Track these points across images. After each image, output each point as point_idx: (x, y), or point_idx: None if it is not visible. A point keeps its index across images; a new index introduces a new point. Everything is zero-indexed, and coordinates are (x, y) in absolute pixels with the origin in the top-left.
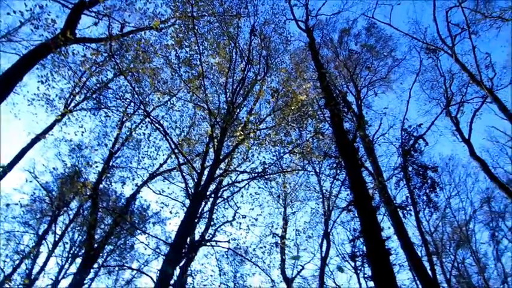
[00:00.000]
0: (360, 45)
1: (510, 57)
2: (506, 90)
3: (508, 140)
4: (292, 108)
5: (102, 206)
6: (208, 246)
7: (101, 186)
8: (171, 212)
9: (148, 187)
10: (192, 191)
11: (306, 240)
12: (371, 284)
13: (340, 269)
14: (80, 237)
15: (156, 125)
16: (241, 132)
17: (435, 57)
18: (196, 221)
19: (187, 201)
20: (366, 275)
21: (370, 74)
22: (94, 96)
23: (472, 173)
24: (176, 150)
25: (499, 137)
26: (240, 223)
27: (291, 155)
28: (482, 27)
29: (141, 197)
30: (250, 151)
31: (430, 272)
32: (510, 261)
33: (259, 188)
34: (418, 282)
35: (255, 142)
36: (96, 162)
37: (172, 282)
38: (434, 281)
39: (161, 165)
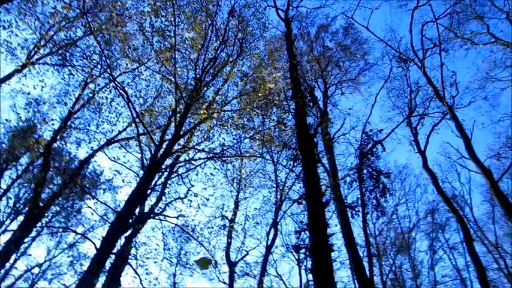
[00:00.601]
0: (336, 43)
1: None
2: (465, 110)
3: (459, 158)
4: (259, 94)
5: (53, 165)
6: (157, 219)
7: (55, 145)
8: (123, 181)
9: (104, 153)
10: (148, 163)
11: (254, 226)
12: (311, 277)
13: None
14: (26, 194)
15: (121, 91)
16: (205, 111)
17: (405, 67)
18: (147, 193)
19: (142, 172)
20: (307, 268)
21: (340, 73)
22: (60, 52)
23: (422, 184)
24: (137, 120)
25: (451, 154)
26: (191, 201)
27: (251, 140)
28: (453, 46)
29: (95, 161)
30: (211, 131)
31: (368, 273)
32: (442, 270)
33: (215, 168)
34: (355, 281)
35: (218, 123)
36: (53, 119)
37: (115, 251)
38: (371, 281)
39: (120, 132)
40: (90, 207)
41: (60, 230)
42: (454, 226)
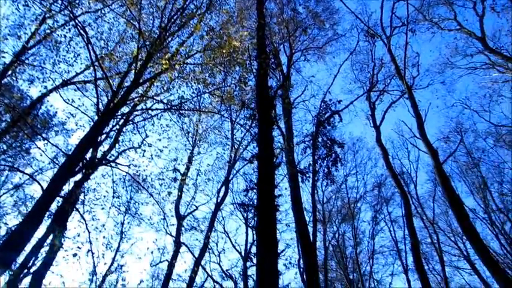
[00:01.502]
0: (307, 9)
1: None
2: (423, 91)
3: (411, 137)
4: (224, 51)
5: (2, 101)
6: (108, 166)
7: (5, 80)
8: (76, 124)
9: (59, 94)
10: (103, 108)
11: (205, 182)
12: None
13: None
14: None
15: (81, 30)
16: (167, 62)
17: (372, 43)
18: (101, 139)
19: (96, 118)
20: (253, 227)
21: (307, 40)
22: None
23: (374, 158)
24: (96, 63)
25: (405, 132)
26: (145, 151)
27: (211, 96)
28: (420, 27)
29: (48, 101)
30: (172, 83)
31: (311, 237)
32: (381, 241)
33: (172, 121)
34: (299, 244)
35: (179, 75)
36: (4, 52)
37: (62, 194)
38: (313, 245)
39: (77, 74)
40: (39, 149)
41: (7, 169)
42: (398, 201)
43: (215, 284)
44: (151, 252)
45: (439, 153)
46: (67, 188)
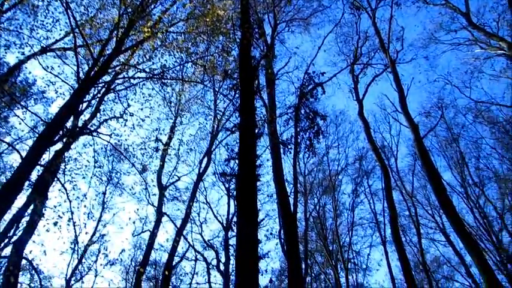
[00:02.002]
0: None
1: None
2: (406, 66)
3: (393, 111)
4: (207, 20)
5: None
6: (89, 136)
7: None
8: (56, 92)
9: (38, 61)
10: (84, 76)
11: (187, 152)
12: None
13: None
14: None
15: None
16: (150, 29)
17: (357, 15)
18: (81, 108)
19: (77, 86)
20: (234, 196)
21: (292, 11)
22: None
23: (355, 131)
24: (76, 30)
25: (387, 106)
26: (127, 120)
27: (194, 65)
28: (405, 1)
29: (26, 68)
30: (154, 51)
31: (292, 208)
32: (361, 213)
33: (154, 90)
34: (280, 215)
35: (161, 44)
36: None
37: (42, 163)
38: (294, 215)
39: (57, 41)
40: (18, 117)
41: None
42: (378, 174)
43: (197, 253)
44: (133, 223)
45: (420, 128)
46: (47, 157)
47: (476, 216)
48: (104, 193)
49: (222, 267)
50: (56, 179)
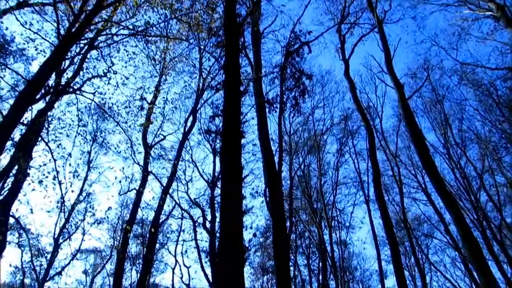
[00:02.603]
0: None
1: None
2: (394, 26)
3: (379, 71)
4: None
5: None
6: (73, 94)
7: None
8: (36, 49)
9: (15, 16)
10: (65, 32)
11: (172, 110)
12: None
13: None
14: None
15: None
16: None
17: None
18: (64, 66)
19: (58, 43)
20: (219, 153)
21: None
22: None
23: (341, 91)
24: None
25: (373, 67)
26: (110, 78)
27: (178, 22)
28: None
29: (2, 23)
30: (137, 8)
31: (277, 166)
32: (345, 172)
33: (137, 47)
34: (265, 174)
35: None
36: None
37: (26, 122)
38: (279, 174)
39: None
40: None
41: None
42: (363, 134)
43: (183, 211)
44: (119, 182)
45: (406, 90)
46: (30, 116)
47: (457, 176)
48: (89, 152)
49: (208, 225)
50: (40, 138)
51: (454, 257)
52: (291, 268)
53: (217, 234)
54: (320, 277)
